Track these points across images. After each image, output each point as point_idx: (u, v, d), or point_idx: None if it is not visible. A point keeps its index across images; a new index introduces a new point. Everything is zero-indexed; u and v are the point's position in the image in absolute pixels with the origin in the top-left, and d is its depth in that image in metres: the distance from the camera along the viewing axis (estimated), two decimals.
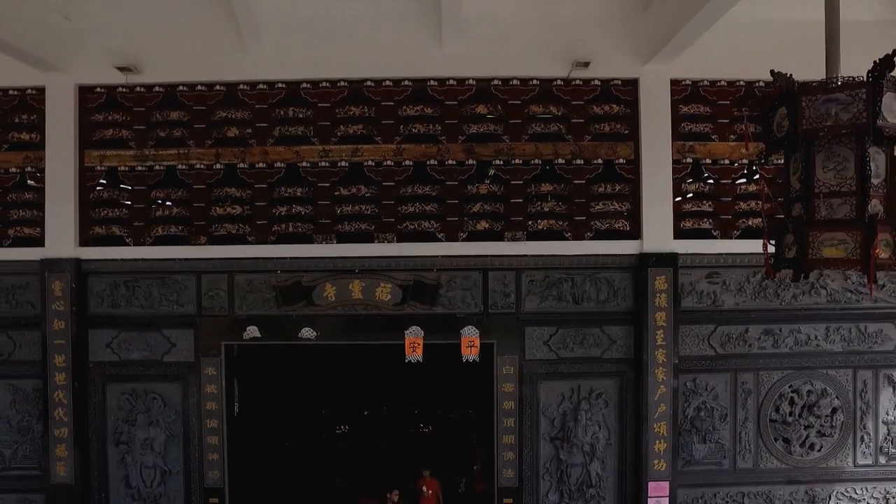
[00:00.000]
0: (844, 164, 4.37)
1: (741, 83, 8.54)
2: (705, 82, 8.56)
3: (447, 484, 9.65)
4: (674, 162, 8.46)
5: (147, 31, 8.35)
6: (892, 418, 8.79)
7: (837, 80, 4.38)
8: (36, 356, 8.51)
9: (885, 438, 8.79)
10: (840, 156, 4.38)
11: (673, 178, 8.44)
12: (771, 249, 4.86)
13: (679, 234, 8.46)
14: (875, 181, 4.37)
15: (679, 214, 8.56)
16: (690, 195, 8.65)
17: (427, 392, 11.43)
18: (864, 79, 4.23)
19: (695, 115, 8.55)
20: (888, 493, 8.79)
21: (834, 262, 4.40)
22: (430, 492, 9.00)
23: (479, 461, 9.55)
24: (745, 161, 8.54)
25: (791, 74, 4.48)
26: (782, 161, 4.82)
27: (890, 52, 4.11)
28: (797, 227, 4.52)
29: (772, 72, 4.49)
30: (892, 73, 4.24)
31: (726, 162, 8.61)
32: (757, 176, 8.43)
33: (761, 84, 8.43)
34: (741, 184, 8.72)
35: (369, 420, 12.36)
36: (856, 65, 4.42)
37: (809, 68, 5.75)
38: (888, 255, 4.33)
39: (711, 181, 8.73)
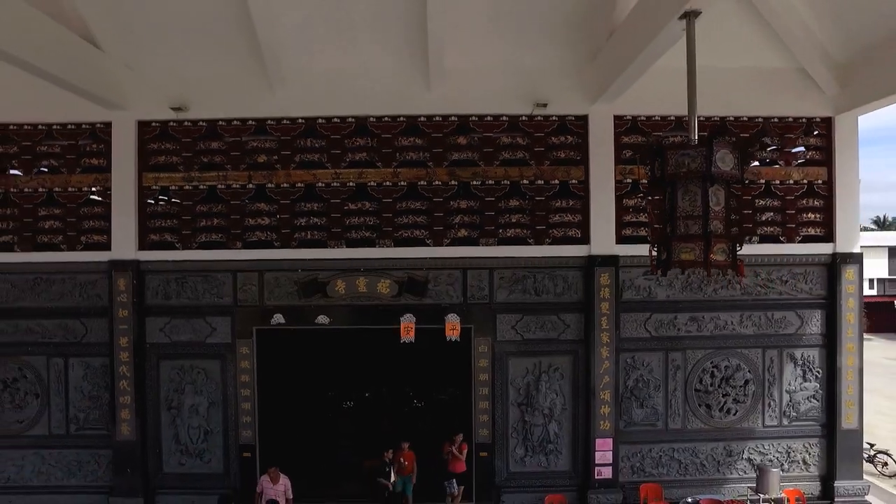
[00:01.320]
0: (695, 197, 6.48)
1: (672, 118, 10.59)
2: (643, 117, 10.62)
3: (436, 451, 11.34)
4: (616, 182, 10.52)
5: (193, 77, 10.42)
6: (793, 388, 10.87)
7: (690, 141, 6.50)
8: (104, 339, 10.58)
9: (787, 404, 10.87)
10: (692, 191, 6.49)
11: (615, 195, 10.51)
12: (654, 253, 6.95)
13: (620, 239, 10.52)
14: (716, 208, 6.48)
15: (620, 224, 10.61)
16: (630, 208, 10.70)
17: (419, 376, 13.39)
18: (705, 139, 6.35)
19: (634, 144, 10.60)
20: (790, 448, 10.88)
21: (688, 263, 6.49)
22: (406, 462, 10.75)
23: (450, 445, 10.42)
24: None
25: (662, 136, 6.57)
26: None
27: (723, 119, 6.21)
28: (665, 239, 6.62)
29: (648, 137, 6.59)
30: (722, 137, 6.36)
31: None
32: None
33: (685, 119, 10.51)
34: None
35: (371, 400, 14.35)
36: (727, 104, 6.46)
37: (717, 104, 7.94)
38: (723, 258, 6.45)
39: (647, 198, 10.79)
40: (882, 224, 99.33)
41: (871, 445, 14.58)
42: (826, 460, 10.89)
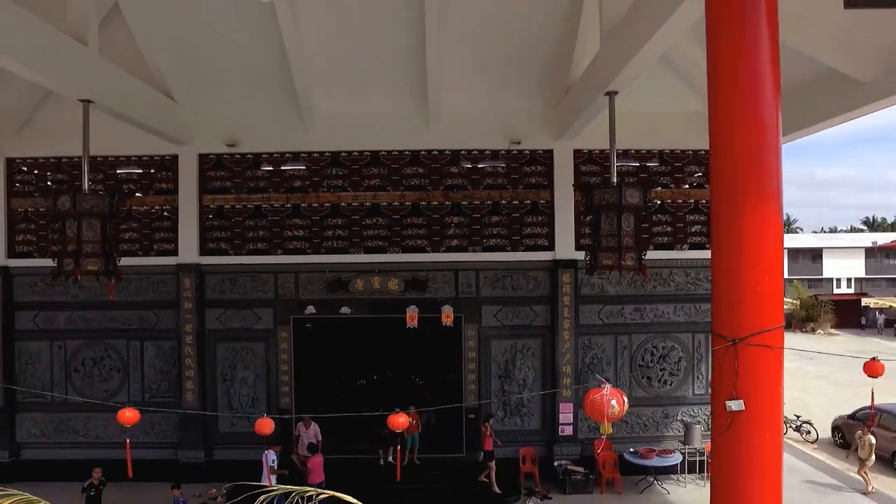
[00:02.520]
0: (612, 221, 9.35)
1: (619, 151, 13.43)
2: (597, 151, 13.47)
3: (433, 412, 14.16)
4: (576, 202, 13.37)
5: (243, 120, 13.27)
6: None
7: (609, 183, 9.38)
8: (172, 325, 13.44)
9: (698, 378, 13.75)
10: (610, 217, 9.36)
11: (574, 213, 13.34)
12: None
13: (578, 247, 13.33)
14: (627, 229, 9.35)
15: (579, 235, 13.45)
16: (585, 223, 13.53)
17: (421, 355, 16.12)
18: (618, 182, 9.24)
19: (590, 172, 13.47)
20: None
21: (608, 266, 9.36)
22: (413, 422, 13.51)
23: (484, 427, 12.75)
24: None
25: (590, 179, 9.45)
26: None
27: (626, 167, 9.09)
28: (594, 250, 9.50)
29: (575, 182, 9.51)
30: (630, 179, 9.22)
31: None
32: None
33: (632, 151, 13.41)
34: None
35: (379, 381, 17.15)
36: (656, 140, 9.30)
37: (659, 140, 10.69)
38: (633, 263, 9.32)
39: None
40: (871, 224, 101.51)
41: (798, 417, 17.56)
42: None
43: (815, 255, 57.39)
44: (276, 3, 9.59)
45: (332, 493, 5.77)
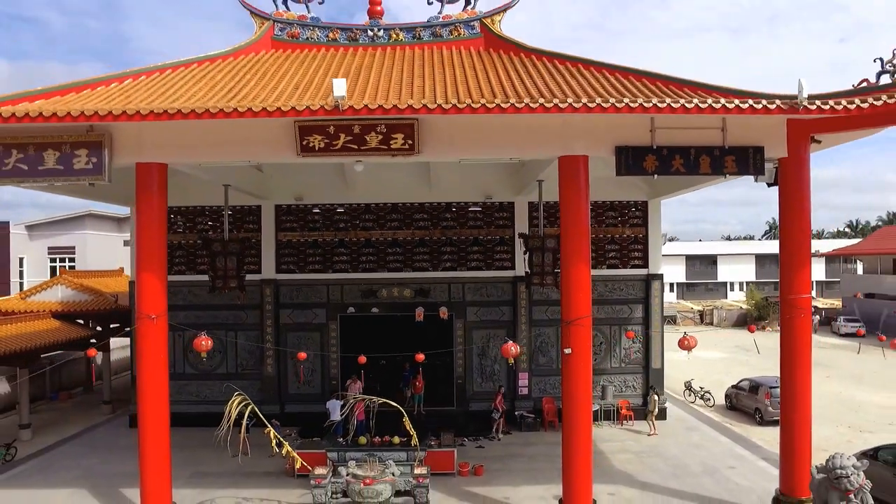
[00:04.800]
0: (539, 256, 15.85)
1: (552, 202, 19.89)
2: (546, 202, 19.92)
3: (431, 379, 20.61)
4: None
5: (306, 183, 19.75)
6: (627, 346, 20.19)
7: (536, 234, 15.93)
8: (256, 321, 19.94)
9: (624, 355, 20.20)
10: (538, 253, 15.86)
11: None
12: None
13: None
14: (547, 262, 15.85)
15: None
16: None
17: (426, 339, 22.49)
18: (543, 234, 15.79)
19: (538, 216, 19.91)
20: (625, 379, 20.20)
21: (537, 283, 15.86)
22: (419, 384, 20.05)
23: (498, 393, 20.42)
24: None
25: (535, 224, 15.99)
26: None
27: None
28: (530, 273, 16.00)
29: (521, 233, 16.10)
30: (551, 228, 15.74)
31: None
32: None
33: None
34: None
35: (389, 365, 23.49)
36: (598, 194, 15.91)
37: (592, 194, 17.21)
38: (550, 282, 15.82)
39: None
40: (855, 228, 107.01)
41: (702, 388, 24.00)
42: (644, 385, 20.22)
43: (711, 261, 64.05)
44: None
45: (383, 399, 12.30)
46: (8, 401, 22.97)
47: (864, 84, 11.40)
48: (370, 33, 16.69)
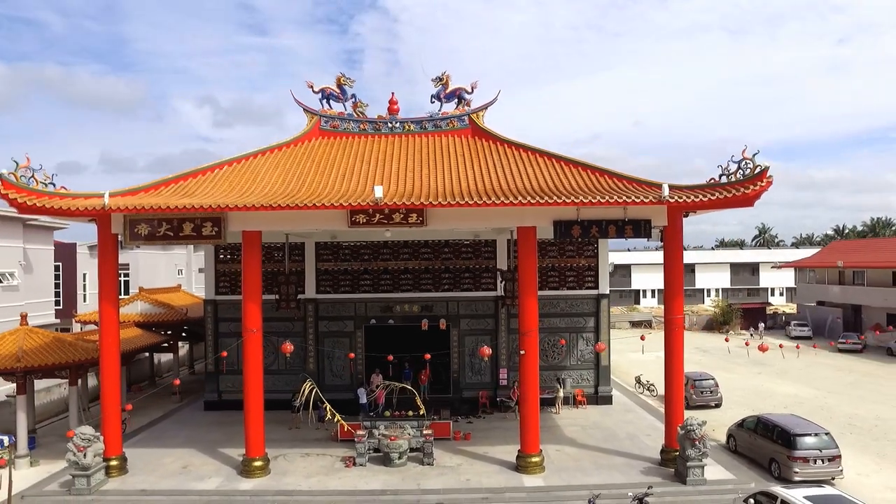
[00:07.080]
0: (510, 284, 22.25)
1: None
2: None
3: (433, 374, 27.06)
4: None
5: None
6: (581, 349, 26.58)
7: (508, 272, 22.38)
8: (300, 329, 26.40)
9: (580, 356, 26.62)
10: (510, 284, 22.26)
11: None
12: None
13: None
14: (516, 288, 22.27)
15: None
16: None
17: (428, 343, 28.86)
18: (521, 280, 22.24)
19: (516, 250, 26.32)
20: (581, 373, 26.62)
21: (511, 304, 22.28)
22: (424, 377, 26.45)
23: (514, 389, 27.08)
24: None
25: (507, 261, 22.45)
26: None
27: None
28: (504, 296, 22.41)
29: (498, 268, 22.58)
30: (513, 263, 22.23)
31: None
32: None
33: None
34: None
35: (396, 364, 29.83)
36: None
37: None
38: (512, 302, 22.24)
39: None
40: (841, 232, 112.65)
41: (648, 381, 30.42)
42: (596, 379, 26.64)
43: (690, 269, 70.00)
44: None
45: (402, 384, 19.02)
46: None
47: (713, 181, 17.79)
48: (390, 125, 23.13)
